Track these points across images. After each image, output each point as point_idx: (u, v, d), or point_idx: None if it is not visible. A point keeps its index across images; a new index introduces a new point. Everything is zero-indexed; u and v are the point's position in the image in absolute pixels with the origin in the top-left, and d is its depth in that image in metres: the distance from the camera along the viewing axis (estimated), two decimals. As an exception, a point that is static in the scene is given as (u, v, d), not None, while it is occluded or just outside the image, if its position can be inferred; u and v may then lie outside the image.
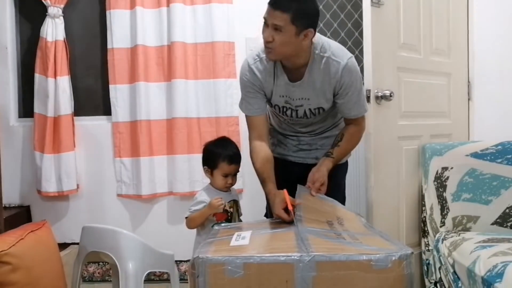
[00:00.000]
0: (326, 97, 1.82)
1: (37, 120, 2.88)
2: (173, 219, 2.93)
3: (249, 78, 1.84)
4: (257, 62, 1.82)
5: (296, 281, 1.24)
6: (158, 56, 2.87)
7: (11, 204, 2.95)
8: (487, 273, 1.71)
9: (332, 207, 1.72)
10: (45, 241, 2.00)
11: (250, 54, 1.89)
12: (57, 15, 2.85)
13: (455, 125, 2.67)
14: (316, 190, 1.74)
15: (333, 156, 1.84)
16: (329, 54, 1.76)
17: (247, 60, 1.87)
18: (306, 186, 1.77)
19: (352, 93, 1.80)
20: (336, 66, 1.75)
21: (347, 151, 1.93)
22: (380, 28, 2.21)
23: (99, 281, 2.97)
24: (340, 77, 1.76)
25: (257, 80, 1.83)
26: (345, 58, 1.76)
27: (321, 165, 1.81)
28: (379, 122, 2.22)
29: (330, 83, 1.78)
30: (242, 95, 1.91)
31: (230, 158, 1.92)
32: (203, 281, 1.24)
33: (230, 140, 2.05)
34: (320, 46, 1.76)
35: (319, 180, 1.76)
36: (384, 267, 1.24)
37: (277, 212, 1.66)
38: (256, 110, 1.88)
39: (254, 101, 1.87)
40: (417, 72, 2.45)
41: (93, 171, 2.98)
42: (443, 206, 2.33)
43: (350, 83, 1.78)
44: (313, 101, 1.83)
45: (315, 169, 1.80)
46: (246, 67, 1.85)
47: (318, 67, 1.77)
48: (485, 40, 2.72)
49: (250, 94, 1.86)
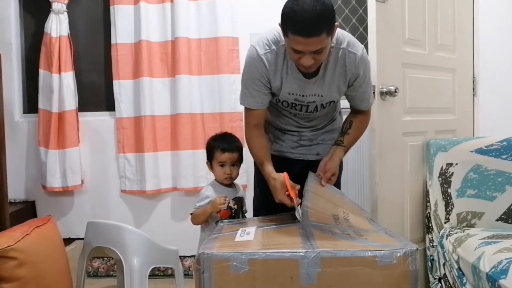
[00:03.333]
0: (339, 90, 1.75)
1: (42, 115, 2.89)
2: (177, 215, 2.94)
3: (257, 69, 1.67)
4: (268, 53, 1.66)
5: (301, 277, 1.24)
6: (162, 52, 2.87)
7: (16, 199, 2.96)
8: (491, 269, 1.70)
9: (340, 200, 1.71)
10: (50, 236, 2.01)
11: (257, 41, 1.69)
12: (61, 10, 2.85)
13: (460, 121, 2.66)
14: (326, 180, 1.71)
15: (344, 144, 1.80)
16: (345, 45, 1.66)
17: (255, 48, 1.67)
18: (316, 174, 1.74)
19: (366, 85, 1.76)
20: (353, 58, 1.67)
21: (356, 139, 1.86)
22: (385, 24, 2.20)
23: (104, 276, 2.99)
24: (356, 69, 1.69)
25: (266, 72, 1.68)
26: (360, 49, 1.69)
27: (333, 154, 1.76)
28: (384, 118, 2.21)
29: (345, 75, 1.70)
30: (244, 86, 1.75)
31: (223, 146, 1.93)
32: (208, 276, 1.24)
33: (230, 134, 2.06)
34: (336, 38, 1.65)
35: (330, 170, 1.72)
36: (389, 264, 1.24)
37: (279, 198, 1.63)
38: (258, 104, 1.76)
39: (258, 95, 1.73)
40: (422, 67, 2.44)
41: (98, 166, 2.99)
42: (448, 202, 2.32)
43: (364, 74, 1.72)
44: (326, 96, 1.76)
45: (326, 158, 1.76)
46: (254, 56, 1.67)
47: (334, 60, 1.68)
48: (490, 36, 2.70)
49: (255, 87, 1.71)
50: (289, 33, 1.50)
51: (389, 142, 2.27)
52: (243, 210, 2.01)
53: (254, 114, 1.79)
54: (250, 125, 1.81)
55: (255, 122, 1.80)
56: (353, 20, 2.85)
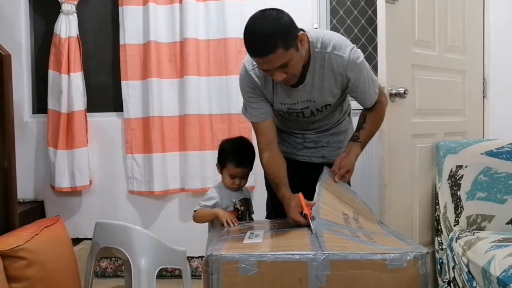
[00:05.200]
0: (332, 93, 1.73)
1: (51, 116, 2.91)
2: (185, 215, 2.94)
3: (249, 84, 1.73)
4: (256, 68, 1.69)
5: (310, 280, 1.23)
6: (171, 53, 2.87)
7: (25, 199, 2.98)
8: (502, 273, 1.68)
9: (351, 199, 1.69)
10: (59, 236, 2.02)
11: (247, 57, 1.72)
12: (71, 11, 2.87)
13: (470, 123, 2.64)
14: (340, 177, 1.70)
15: (360, 140, 1.77)
16: (330, 49, 1.63)
17: (244, 65, 1.74)
18: (331, 169, 1.72)
19: (363, 84, 1.71)
20: (340, 61, 1.64)
21: (372, 133, 1.82)
22: (394, 25, 2.18)
23: (112, 276, 3.00)
24: (346, 72, 1.66)
25: (257, 86, 1.72)
26: (347, 51, 1.64)
27: (350, 151, 1.74)
28: (393, 119, 2.20)
29: (335, 79, 1.68)
30: (244, 101, 1.79)
31: (237, 161, 1.87)
32: (217, 278, 1.24)
33: (246, 142, 1.99)
34: (321, 42, 1.64)
35: (345, 166, 1.71)
36: (399, 267, 1.23)
37: (293, 217, 1.57)
38: (262, 115, 1.75)
39: (258, 106, 1.75)
40: (432, 69, 2.42)
41: (106, 167, 3.00)
42: (457, 204, 2.30)
43: (358, 75, 1.68)
44: (319, 101, 1.74)
45: (343, 155, 1.75)
46: (244, 73, 1.73)
47: (321, 65, 1.66)
48: (501, 37, 2.68)
49: (253, 99, 1.75)
50: (251, 55, 1.56)
51: (398, 144, 2.26)
52: (249, 211, 2.01)
53: (262, 128, 1.76)
54: (262, 143, 1.77)
55: (265, 138, 1.76)
56: (362, 21, 2.83)
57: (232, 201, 1.91)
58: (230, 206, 1.91)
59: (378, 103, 1.81)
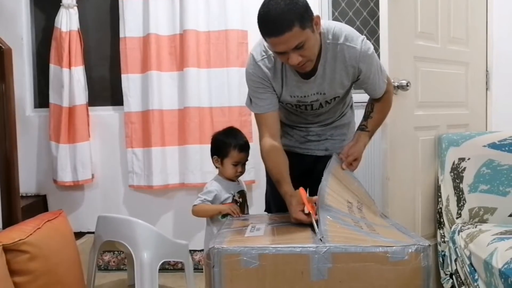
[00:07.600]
0: (343, 85, 1.72)
1: (53, 110, 2.91)
2: (186, 209, 2.92)
3: (257, 74, 1.69)
4: (265, 59, 1.67)
5: (312, 272, 1.23)
6: (171, 45, 2.85)
7: (28, 193, 2.99)
8: (504, 266, 1.68)
9: (357, 189, 1.69)
10: (62, 230, 2.02)
11: (255, 47, 1.72)
12: (71, 5, 2.85)
13: (473, 115, 2.63)
14: (347, 165, 1.71)
15: (368, 129, 1.77)
16: (343, 40, 1.62)
17: (252, 55, 1.70)
18: (339, 156, 1.73)
19: (374, 75, 1.70)
20: (352, 52, 1.63)
21: (380, 121, 1.83)
22: (396, 17, 2.17)
23: (114, 269, 3.01)
24: (358, 64, 1.65)
25: (266, 77, 1.69)
26: (358, 42, 1.63)
27: (358, 140, 1.75)
28: (396, 112, 2.17)
29: (347, 70, 1.67)
30: (250, 92, 1.76)
31: (241, 146, 1.92)
32: (218, 271, 1.24)
33: (238, 130, 2.05)
34: (332, 34, 1.62)
35: (353, 154, 1.71)
36: (401, 259, 1.23)
37: (295, 216, 1.53)
38: (268, 106, 1.73)
39: (265, 97, 1.72)
40: (435, 61, 2.40)
41: (108, 161, 3.00)
42: (460, 197, 2.30)
43: (370, 67, 1.67)
44: (329, 93, 1.73)
45: (351, 143, 1.75)
46: (253, 64, 1.70)
47: (332, 56, 1.64)
48: (504, 29, 2.65)
49: (260, 90, 1.71)
50: (265, 37, 1.51)
51: (401, 136, 2.25)
52: (247, 203, 2.04)
53: (267, 121, 1.74)
54: (265, 136, 1.74)
55: (269, 131, 1.73)
56: (364, 13, 2.81)
57: (231, 193, 1.95)
58: (229, 198, 1.94)
59: (386, 92, 1.80)
